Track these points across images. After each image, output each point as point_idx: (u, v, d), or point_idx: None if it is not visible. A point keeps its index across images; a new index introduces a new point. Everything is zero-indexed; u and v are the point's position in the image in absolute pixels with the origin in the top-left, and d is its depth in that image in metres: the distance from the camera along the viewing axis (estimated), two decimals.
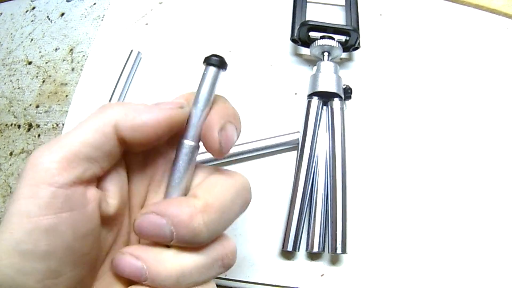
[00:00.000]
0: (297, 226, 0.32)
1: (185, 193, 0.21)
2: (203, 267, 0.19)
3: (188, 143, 0.20)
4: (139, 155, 0.21)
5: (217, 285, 0.33)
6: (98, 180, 0.19)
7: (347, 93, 0.37)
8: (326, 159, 0.35)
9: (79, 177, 0.17)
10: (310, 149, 0.34)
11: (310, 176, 0.34)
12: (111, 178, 0.20)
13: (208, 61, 0.21)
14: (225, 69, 0.21)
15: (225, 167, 0.35)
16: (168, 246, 0.19)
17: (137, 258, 0.19)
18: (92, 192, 0.18)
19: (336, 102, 0.36)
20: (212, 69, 0.21)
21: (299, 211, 0.32)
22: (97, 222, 0.19)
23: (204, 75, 0.21)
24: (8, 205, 0.17)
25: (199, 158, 0.34)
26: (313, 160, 0.34)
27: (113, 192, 0.20)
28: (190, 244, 0.19)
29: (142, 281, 0.19)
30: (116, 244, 0.21)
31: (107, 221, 0.20)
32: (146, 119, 0.19)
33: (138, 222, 0.19)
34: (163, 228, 0.18)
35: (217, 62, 0.20)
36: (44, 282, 0.17)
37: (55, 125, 0.41)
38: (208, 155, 0.34)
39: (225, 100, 0.22)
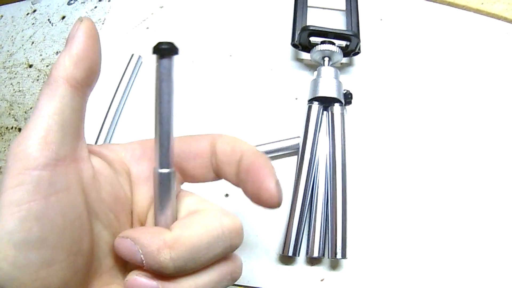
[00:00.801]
0: (297, 231, 0.32)
1: (173, 218, 0.21)
2: (212, 282, 0.20)
3: (163, 171, 0.19)
4: (145, 166, 0.22)
5: None
6: (76, 160, 0.19)
7: (348, 98, 0.37)
8: (326, 164, 0.35)
9: (57, 152, 0.18)
10: (311, 154, 0.34)
11: (311, 181, 0.34)
12: (85, 158, 0.20)
13: (160, 51, 0.18)
14: (177, 53, 0.18)
15: None
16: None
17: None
18: (73, 172, 0.19)
19: (336, 107, 0.36)
20: (166, 61, 0.18)
21: (299, 216, 0.33)
22: (82, 204, 0.19)
23: (158, 75, 0.18)
24: None
25: None
26: (313, 165, 0.34)
27: (89, 168, 0.20)
28: (158, 273, 0.19)
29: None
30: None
31: (100, 206, 0.20)
32: (75, 51, 0.19)
33: (116, 243, 0.20)
34: (135, 254, 0.19)
35: (167, 49, 0.18)
36: (38, 273, 0.17)
37: None
38: None
39: (261, 152, 0.22)
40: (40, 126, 0.18)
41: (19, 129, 0.42)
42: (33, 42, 0.47)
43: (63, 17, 0.48)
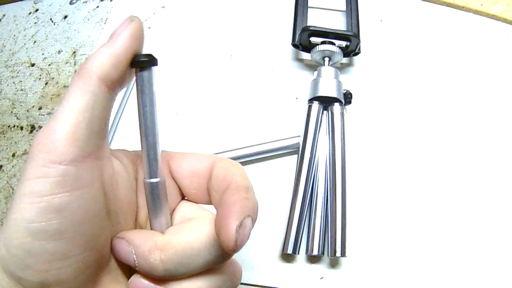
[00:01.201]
0: (297, 229, 0.32)
1: (167, 225, 0.21)
2: (216, 286, 0.20)
3: (151, 181, 0.20)
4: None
5: None
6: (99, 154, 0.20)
7: (347, 98, 0.37)
8: (326, 163, 0.35)
9: (84, 148, 0.18)
10: (311, 153, 0.35)
11: (310, 179, 0.34)
12: (107, 156, 0.20)
13: (138, 63, 0.18)
14: (156, 64, 0.19)
15: None
16: None
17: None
18: (97, 168, 0.19)
19: (336, 106, 0.36)
20: (146, 74, 0.19)
21: (299, 214, 0.33)
22: (103, 202, 0.19)
23: (139, 88, 0.19)
24: (17, 187, 0.17)
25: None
26: (313, 164, 0.35)
27: (120, 171, 0.21)
28: (149, 275, 0.19)
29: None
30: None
31: (114, 205, 0.20)
32: (118, 52, 0.19)
33: (113, 243, 0.20)
34: (129, 254, 0.19)
35: (147, 62, 0.18)
36: (52, 264, 0.17)
37: None
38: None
39: (247, 186, 0.20)
40: (69, 121, 0.17)
41: (21, 128, 0.43)
42: (35, 41, 0.48)
43: (65, 17, 0.49)
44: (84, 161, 0.18)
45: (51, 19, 0.49)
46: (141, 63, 0.18)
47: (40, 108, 0.43)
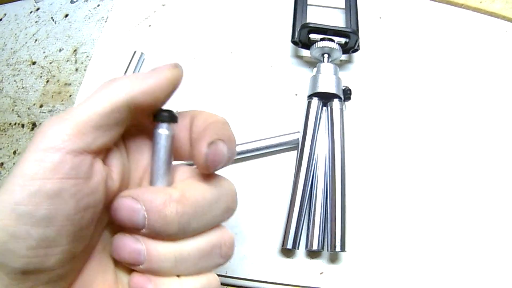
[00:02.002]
0: (296, 224, 0.33)
1: (169, 184, 0.21)
2: (203, 251, 0.20)
3: (162, 132, 0.20)
4: (137, 138, 0.22)
5: None
6: (104, 155, 0.19)
7: (347, 94, 0.38)
8: (325, 158, 0.35)
9: (89, 145, 0.18)
10: (310, 149, 0.35)
11: (310, 175, 0.34)
12: (115, 156, 0.20)
13: (160, 117, 0.20)
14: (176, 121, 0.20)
15: (225, 166, 0.36)
16: None
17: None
18: (99, 165, 0.18)
19: (335, 102, 0.36)
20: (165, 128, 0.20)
21: (299, 209, 0.33)
22: (101, 196, 0.18)
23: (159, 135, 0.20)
24: (12, 169, 0.17)
25: None
26: (312, 160, 0.35)
27: (117, 170, 0.20)
28: (160, 233, 0.19)
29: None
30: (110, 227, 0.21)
31: (108, 200, 0.20)
32: (151, 82, 0.19)
33: (115, 204, 0.19)
34: (137, 212, 0.18)
35: (167, 117, 0.20)
36: (36, 251, 0.16)
37: None
38: None
39: (224, 122, 0.21)
40: (81, 119, 0.18)
41: (22, 125, 0.43)
42: (36, 40, 0.48)
43: (66, 15, 0.49)
44: (85, 155, 0.18)
45: (52, 17, 0.50)
46: (165, 116, 0.20)
47: (41, 106, 0.43)
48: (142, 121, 0.21)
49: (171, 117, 0.20)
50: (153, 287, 0.19)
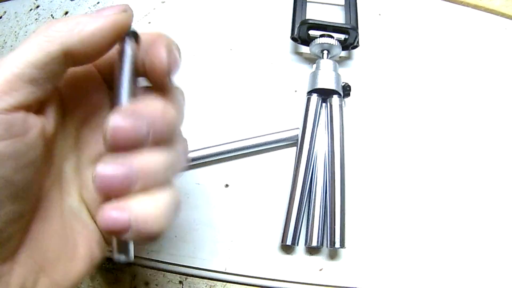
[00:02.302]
0: (296, 221, 0.33)
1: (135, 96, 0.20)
2: (177, 157, 0.21)
3: (131, 47, 0.20)
4: (73, 92, 0.21)
5: (216, 279, 0.33)
6: (38, 106, 0.18)
7: (346, 90, 0.38)
8: (325, 154, 0.35)
9: (22, 101, 0.16)
10: (309, 145, 0.35)
11: (309, 171, 0.34)
12: (50, 106, 0.19)
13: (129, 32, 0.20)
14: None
15: (225, 163, 0.36)
16: None
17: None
18: (33, 118, 0.17)
19: (335, 99, 0.36)
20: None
21: (298, 206, 0.33)
22: (39, 151, 0.18)
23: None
24: None
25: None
26: (312, 156, 0.35)
27: (52, 114, 0.19)
28: (165, 137, 0.19)
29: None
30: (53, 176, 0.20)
31: (46, 153, 0.19)
32: (93, 28, 0.18)
33: (113, 126, 0.17)
34: (142, 127, 0.18)
35: (135, 33, 0.21)
36: None
37: None
38: (201, 152, 0.35)
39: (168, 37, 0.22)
40: (12, 71, 0.16)
41: None
42: None
43: (66, 13, 0.49)
44: (17, 111, 0.16)
45: (52, 15, 0.49)
46: (134, 32, 0.20)
47: None
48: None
49: (137, 36, 0.21)
50: (127, 215, 0.17)
